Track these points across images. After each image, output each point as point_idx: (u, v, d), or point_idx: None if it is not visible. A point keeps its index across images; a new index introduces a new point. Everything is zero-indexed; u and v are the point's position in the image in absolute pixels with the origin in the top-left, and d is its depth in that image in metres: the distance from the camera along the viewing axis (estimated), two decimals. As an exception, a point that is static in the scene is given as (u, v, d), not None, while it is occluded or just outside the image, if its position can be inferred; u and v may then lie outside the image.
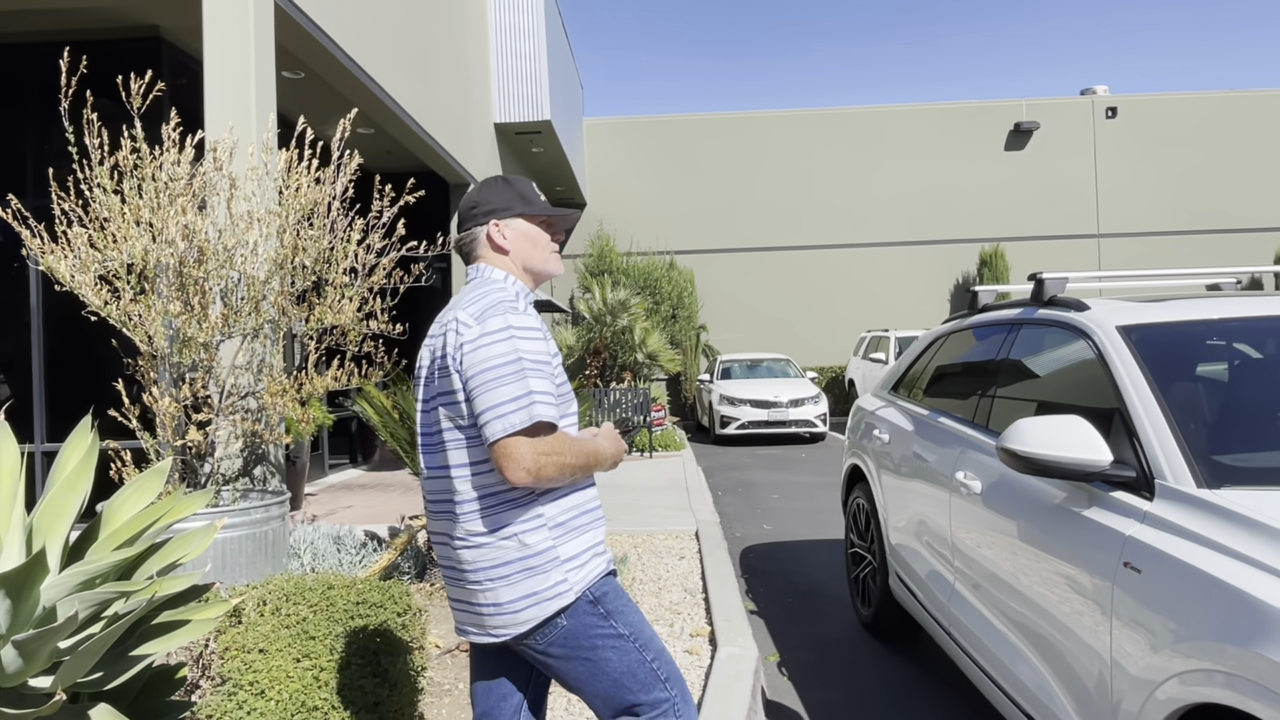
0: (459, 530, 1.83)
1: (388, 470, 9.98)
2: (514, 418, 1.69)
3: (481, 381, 1.72)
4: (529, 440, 1.70)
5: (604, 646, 1.83)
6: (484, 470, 1.80)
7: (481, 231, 1.94)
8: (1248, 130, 19.60)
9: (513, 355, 1.73)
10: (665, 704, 1.86)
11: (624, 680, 1.83)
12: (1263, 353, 2.72)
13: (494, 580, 1.79)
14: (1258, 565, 1.75)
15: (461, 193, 11.10)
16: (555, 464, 1.73)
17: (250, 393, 4.52)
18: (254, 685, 2.78)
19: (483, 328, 1.75)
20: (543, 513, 1.80)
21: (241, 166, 4.39)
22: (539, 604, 1.79)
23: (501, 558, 1.79)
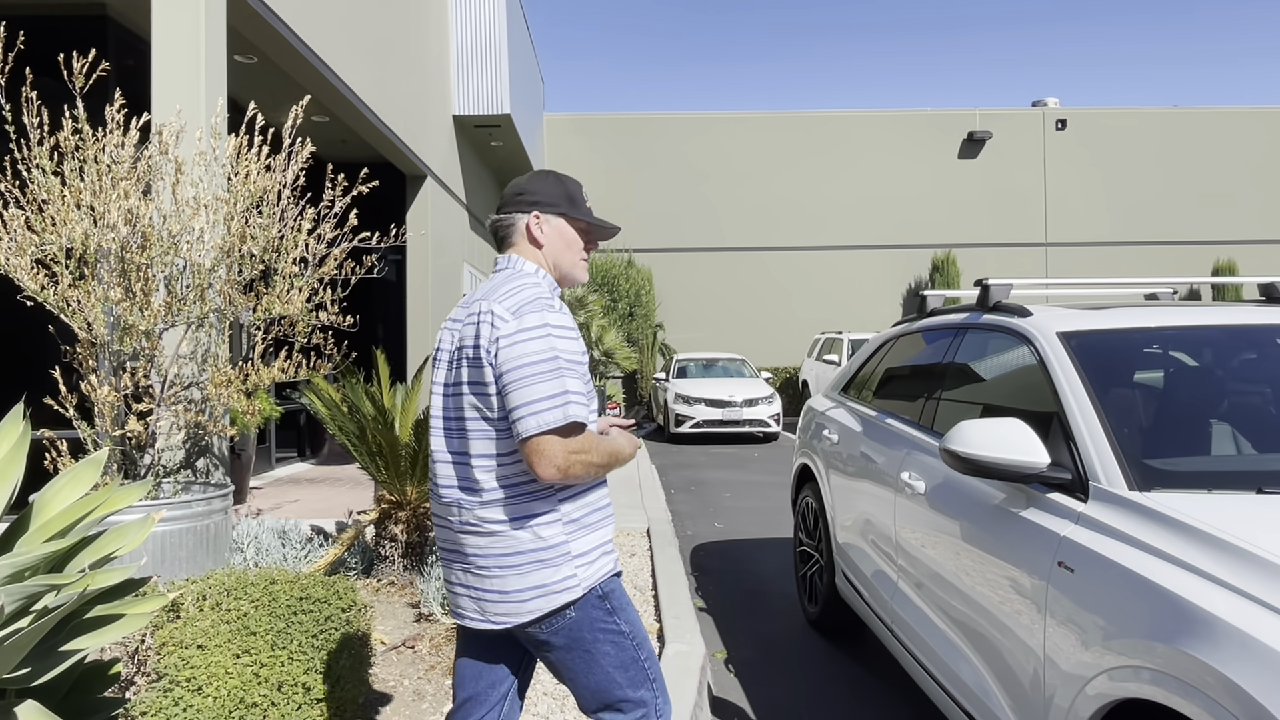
0: (471, 517, 1.84)
1: (337, 465, 9.83)
2: (548, 415, 1.72)
3: (517, 377, 1.74)
4: (561, 439, 1.74)
5: (604, 640, 1.87)
6: (509, 462, 1.82)
7: (521, 220, 1.96)
8: (1192, 147, 20.24)
9: (550, 354, 1.76)
10: (648, 704, 1.91)
11: (616, 675, 1.87)
12: (1196, 361, 2.81)
13: (504, 569, 1.82)
14: (1184, 566, 1.81)
15: (418, 185, 10.98)
16: (583, 462, 1.77)
17: (194, 383, 4.42)
18: (191, 682, 2.72)
19: (519, 323, 1.76)
20: (560, 508, 1.84)
21: (189, 151, 4.29)
22: (546, 596, 1.82)
23: (514, 548, 1.81)
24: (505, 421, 1.79)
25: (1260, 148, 20.31)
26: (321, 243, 4.36)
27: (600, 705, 1.89)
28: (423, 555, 4.70)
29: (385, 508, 4.63)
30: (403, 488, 4.58)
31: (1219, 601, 1.67)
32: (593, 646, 1.86)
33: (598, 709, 1.90)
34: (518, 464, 1.81)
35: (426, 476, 4.57)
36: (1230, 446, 2.46)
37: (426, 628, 4.05)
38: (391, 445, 4.39)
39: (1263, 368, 2.78)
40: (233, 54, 7.08)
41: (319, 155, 10.56)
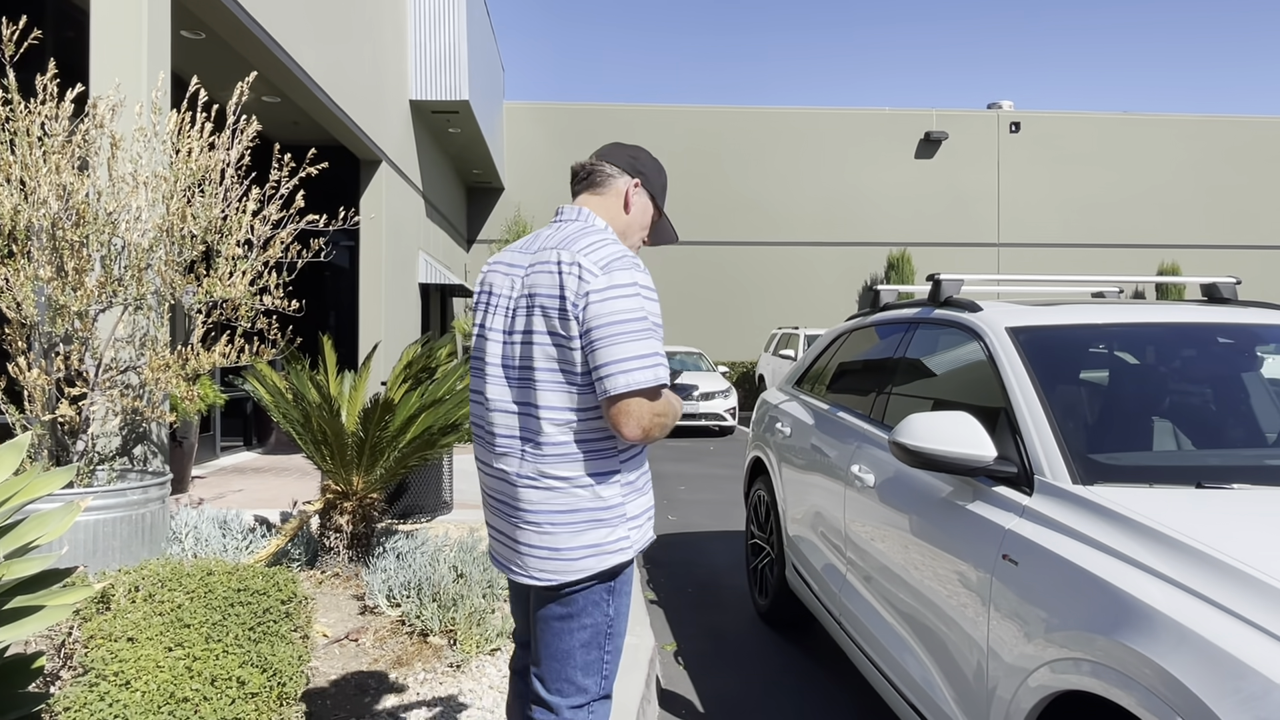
0: (532, 470, 1.81)
1: (284, 454, 9.62)
2: (639, 375, 1.70)
3: (609, 334, 1.70)
4: (649, 400, 1.72)
5: (590, 614, 1.85)
6: (586, 418, 1.78)
7: (624, 180, 1.96)
8: (1140, 151, 20.75)
9: (641, 313, 1.73)
10: (590, 694, 1.88)
11: (576, 654, 1.85)
12: (1140, 357, 2.85)
13: (557, 525, 1.79)
14: (1123, 559, 1.83)
15: (373, 169, 10.78)
16: (661, 425, 1.77)
17: (131, 367, 4.26)
18: (119, 676, 2.62)
19: (610, 279, 1.73)
20: (620, 469, 1.83)
21: (128, 126, 4.13)
22: (599, 555, 1.80)
23: (572, 504, 1.79)
24: (586, 376, 1.75)
25: (1203, 156, 20.91)
26: (267, 225, 4.23)
27: (550, 674, 1.87)
28: (368, 547, 4.61)
29: (330, 498, 4.53)
30: (348, 477, 4.48)
31: (1156, 594, 1.69)
32: (581, 616, 1.85)
33: (541, 676, 1.89)
34: (592, 420, 1.78)
35: (374, 466, 4.48)
36: (1171, 442, 2.49)
37: (371, 620, 3.96)
38: (337, 434, 4.28)
39: (1203, 366, 2.83)
40: (179, 29, 6.86)
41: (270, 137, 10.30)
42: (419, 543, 4.78)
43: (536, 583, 1.84)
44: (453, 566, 4.17)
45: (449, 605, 3.81)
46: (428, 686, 3.32)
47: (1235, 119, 21.24)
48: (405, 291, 12.24)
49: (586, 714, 1.87)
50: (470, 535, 4.91)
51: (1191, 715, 1.48)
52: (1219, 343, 2.87)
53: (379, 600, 4.04)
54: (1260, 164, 21.01)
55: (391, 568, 4.20)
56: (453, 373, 4.92)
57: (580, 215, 1.93)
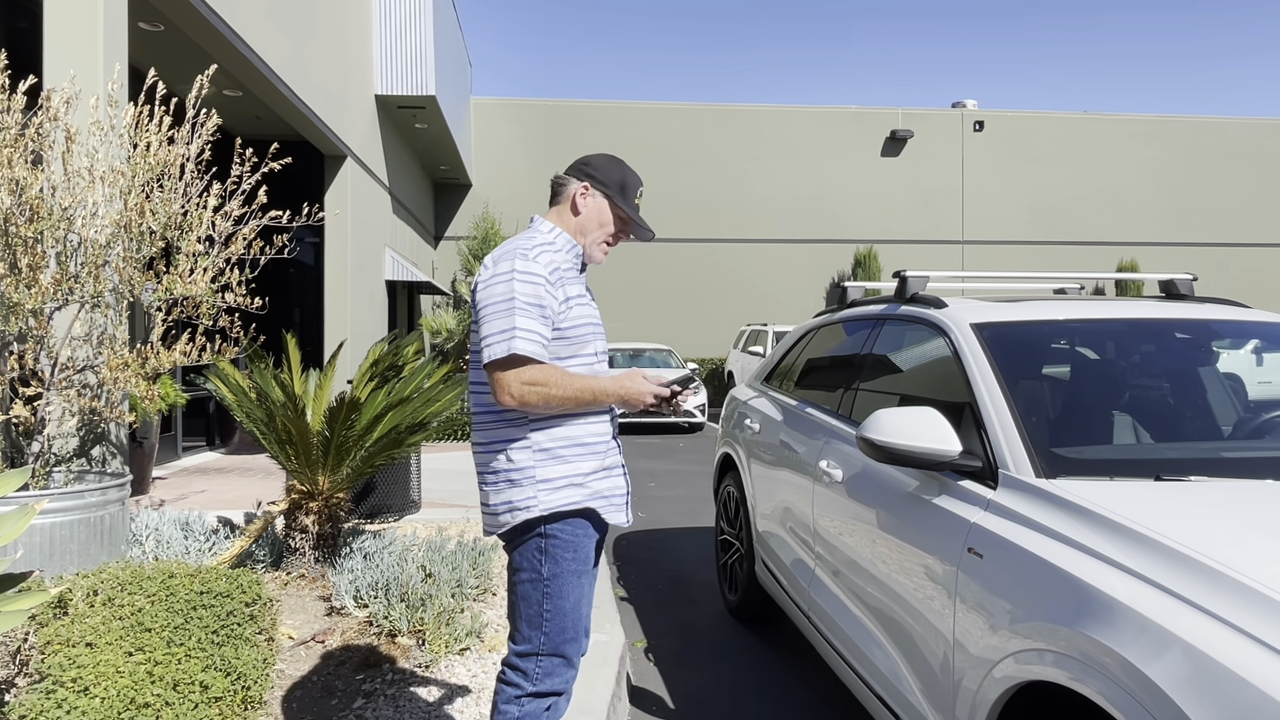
0: (476, 438, 2.13)
1: (248, 454, 9.48)
2: (496, 348, 1.96)
3: (482, 316, 2.01)
4: (513, 370, 1.95)
5: (525, 569, 2.07)
6: (486, 391, 2.06)
7: (573, 186, 2.18)
8: (1100, 150, 21.13)
9: (507, 295, 1.97)
10: (532, 647, 2.07)
11: (520, 607, 2.08)
12: (1101, 353, 2.91)
13: (487, 485, 2.10)
14: (1085, 551, 1.86)
15: (338, 164, 10.64)
16: (539, 394, 1.97)
17: (89, 366, 4.17)
18: (77, 682, 2.56)
19: (494, 270, 2.02)
20: (529, 436, 2.04)
21: (83, 119, 4.03)
22: (512, 511, 2.05)
23: (494, 466, 2.08)
24: None
25: (1161, 155, 21.35)
26: (228, 221, 4.16)
27: (511, 625, 2.12)
28: (335, 547, 4.56)
29: (296, 498, 4.46)
30: (314, 477, 4.42)
31: (1117, 585, 1.72)
32: (520, 570, 2.08)
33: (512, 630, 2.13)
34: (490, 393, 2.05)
35: (340, 465, 4.42)
36: (1131, 436, 2.54)
37: (338, 621, 3.92)
38: (302, 433, 4.23)
39: (1162, 361, 2.89)
40: (137, 20, 6.71)
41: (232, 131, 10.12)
42: (387, 542, 4.73)
43: (487, 534, 2.14)
44: (421, 566, 4.13)
45: (417, 605, 3.77)
46: (396, 687, 3.29)
47: (1191, 119, 21.71)
48: (372, 289, 12.11)
49: (534, 664, 2.06)
50: (439, 534, 4.87)
51: (1151, 704, 1.51)
52: (1177, 338, 2.93)
53: (346, 601, 3.99)
54: (1214, 163, 21.50)
55: (359, 568, 4.16)
56: (420, 370, 4.87)
57: (532, 224, 2.20)
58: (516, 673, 2.08)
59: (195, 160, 4.11)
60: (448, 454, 10.19)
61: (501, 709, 2.08)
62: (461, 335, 15.33)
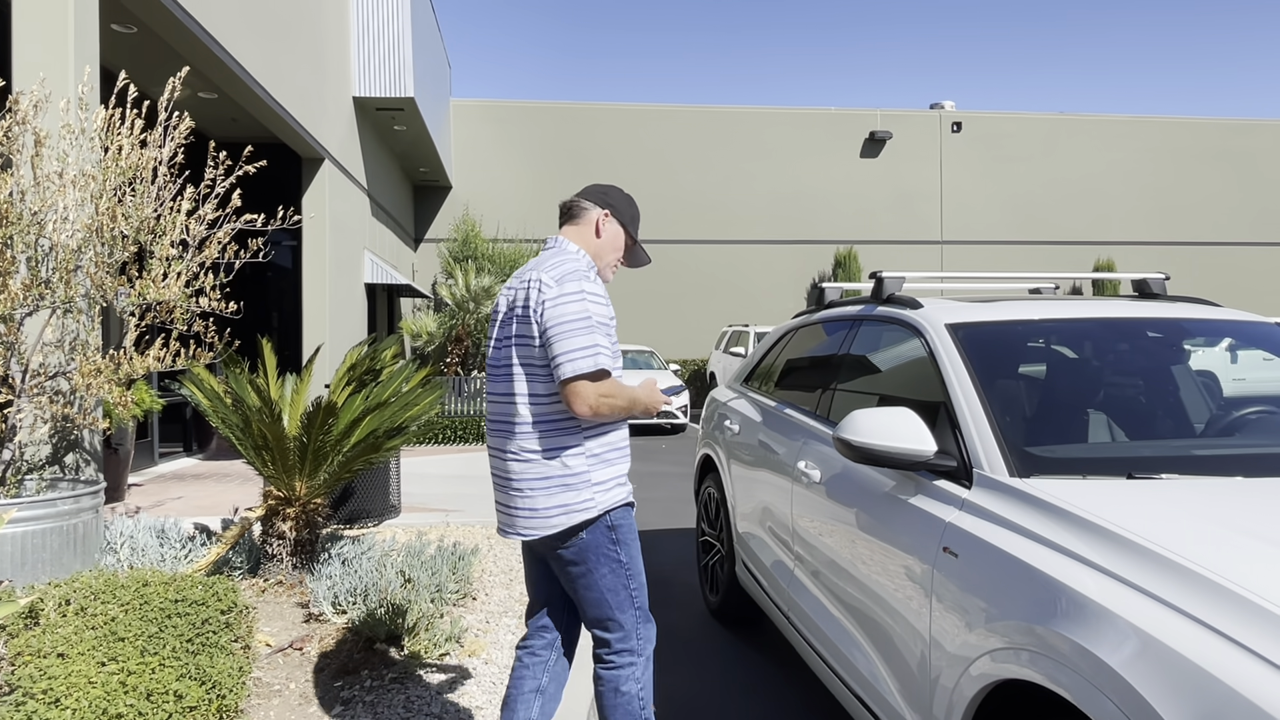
0: (514, 446, 2.24)
1: (226, 459, 9.39)
2: (582, 363, 2.12)
3: (558, 332, 2.14)
4: (592, 383, 2.14)
5: (604, 564, 2.25)
6: (546, 402, 2.22)
7: (596, 211, 2.41)
8: (1077, 151, 21.34)
9: (584, 314, 2.17)
10: (628, 627, 2.29)
11: (608, 596, 2.26)
12: (1075, 351, 2.93)
13: (535, 489, 2.22)
14: (1058, 549, 1.87)
15: (315, 167, 10.56)
16: (609, 404, 2.17)
17: (61, 372, 4.12)
18: (48, 694, 2.53)
19: (561, 289, 2.18)
20: (584, 443, 2.23)
21: (53, 123, 3.98)
22: (568, 514, 2.21)
23: (546, 473, 2.21)
24: (546, 368, 2.19)
25: (1136, 155, 21.59)
26: (202, 224, 4.12)
27: (593, 620, 2.30)
28: (313, 553, 4.52)
29: (273, 504, 4.42)
30: (291, 483, 4.38)
31: (1090, 583, 1.73)
32: (595, 567, 2.24)
33: (589, 622, 2.31)
34: (554, 404, 2.21)
35: (317, 471, 4.39)
36: (1105, 434, 2.56)
37: (316, 628, 3.88)
38: (279, 439, 4.19)
39: (1135, 359, 2.92)
40: (109, 22, 6.64)
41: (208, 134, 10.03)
42: (365, 548, 4.70)
43: (522, 537, 2.27)
44: (400, 571, 4.11)
45: (396, 611, 3.75)
46: (375, 694, 3.27)
47: (1165, 119, 21.97)
48: (351, 292, 12.03)
49: (635, 638, 2.29)
50: (418, 539, 4.84)
51: (1123, 701, 1.52)
52: (1149, 336, 2.96)
53: (324, 607, 3.96)
54: (1189, 163, 21.78)
55: (337, 574, 4.12)
56: (398, 374, 4.84)
57: (557, 243, 2.38)
58: (624, 654, 2.28)
59: (168, 163, 4.07)
60: (428, 458, 10.14)
61: (624, 691, 2.27)
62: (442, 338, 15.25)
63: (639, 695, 2.28)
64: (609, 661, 2.28)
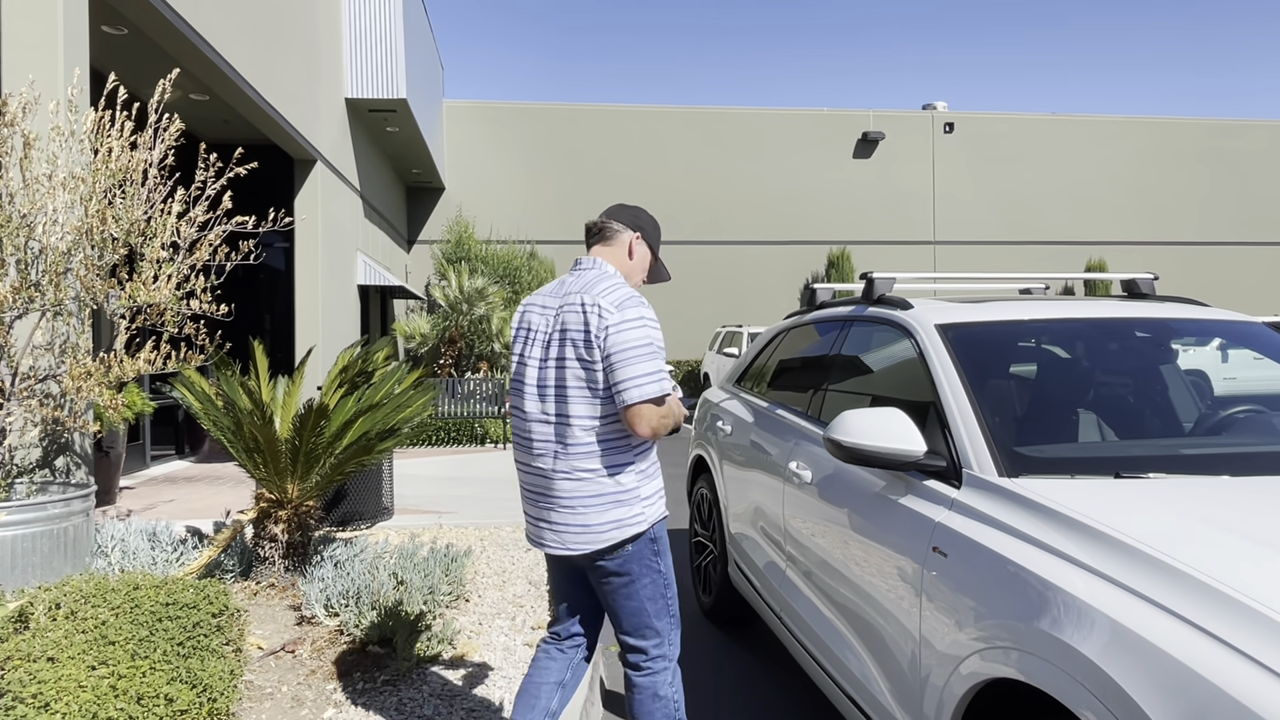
0: (565, 466, 2.28)
1: (218, 462, 9.36)
2: (649, 388, 2.20)
3: (624, 358, 2.21)
4: (655, 406, 2.23)
5: (646, 574, 2.34)
6: (606, 423, 2.27)
7: (628, 234, 2.49)
8: (1068, 151, 21.42)
9: (647, 340, 2.25)
10: (664, 634, 2.38)
11: (647, 604, 2.34)
12: (1064, 351, 2.94)
13: (587, 506, 2.28)
14: (1046, 548, 1.88)
15: (307, 169, 10.54)
16: (665, 425, 2.28)
17: (51, 375, 4.10)
18: (38, 698, 2.52)
19: (623, 315, 2.24)
20: (634, 460, 2.32)
21: (42, 125, 3.97)
22: (620, 528, 2.29)
23: (598, 490, 2.28)
24: (606, 391, 2.25)
25: (1127, 155, 21.68)
26: (193, 227, 4.11)
27: (631, 628, 2.36)
28: (305, 555, 4.51)
29: (265, 507, 4.41)
30: (283, 485, 4.37)
31: (1077, 582, 1.74)
32: (638, 577, 2.32)
33: (626, 631, 2.37)
34: (611, 424, 2.28)
35: (309, 473, 4.38)
36: (1095, 433, 2.58)
37: (308, 631, 3.88)
38: (270, 441, 4.18)
39: (1124, 359, 2.93)
40: (99, 24, 6.62)
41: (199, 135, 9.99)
42: (358, 550, 4.69)
43: (572, 553, 2.31)
44: (393, 574, 4.10)
45: (389, 613, 3.75)
46: (367, 696, 3.26)
47: (1156, 120, 22.07)
48: (343, 294, 12.01)
49: (669, 644, 2.39)
50: (411, 541, 4.84)
51: (1110, 701, 1.53)
52: (1138, 336, 2.98)
53: (316, 610, 3.96)
54: (1179, 164, 21.87)
55: (329, 576, 4.12)
56: (391, 376, 4.84)
57: (596, 264, 2.42)
58: (660, 660, 2.37)
59: (158, 165, 4.06)
60: (421, 459, 10.12)
61: (662, 696, 2.35)
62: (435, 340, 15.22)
63: (674, 699, 2.37)
64: (646, 668, 2.36)
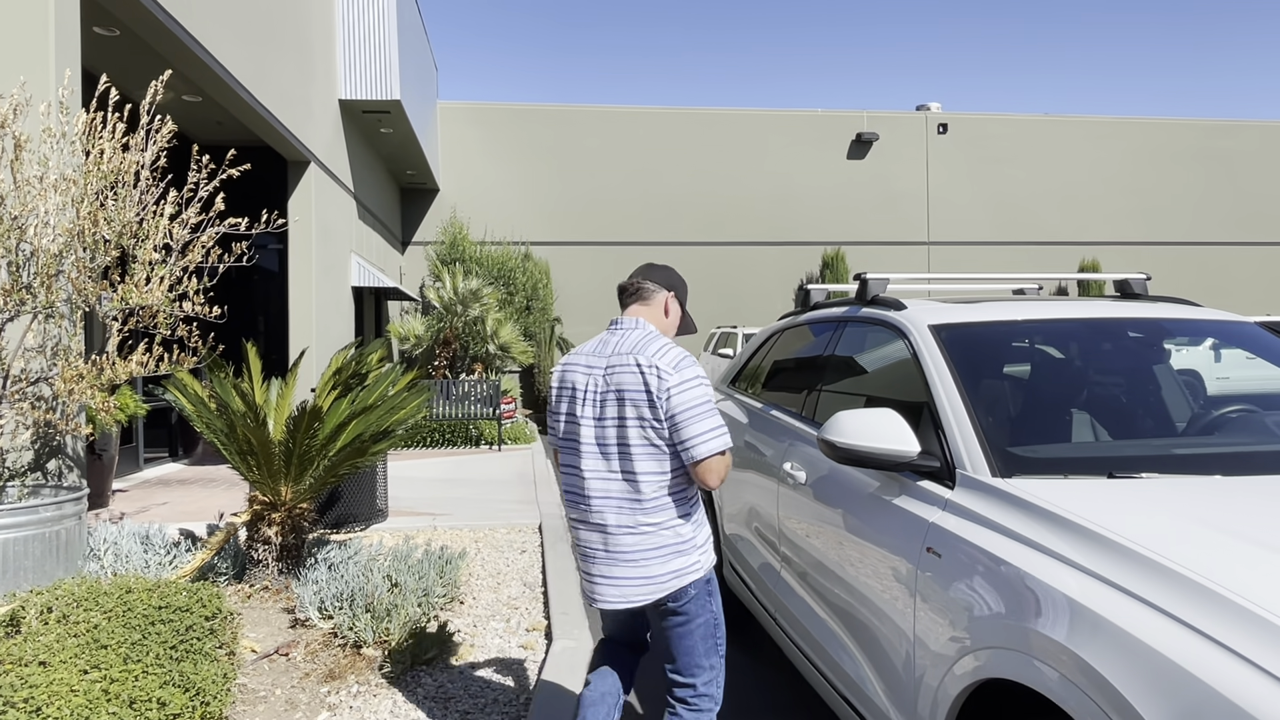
0: (628, 521, 2.36)
1: (212, 464, 9.33)
2: (716, 442, 2.30)
3: (690, 416, 2.30)
4: (723, 459, 2.33)
5: (701, 615, 2.43)
6: (669, 476, 2.35)
7: (664, 294, 2.59)
8: (1061, 152, 21.48)
9: (707, 398, 2.35)
10: (716, 669, 2.48)
11: (700, 644, 2.43)
12: (1057, 352, 2.95)
13: (649, 559, 2.36)
14: (1039, 548, 1.88)
15: (301, 170, 10.52)
16: (728, 473, 2.37)
17: (43, 378, 4.08)
18: (29, 703, 2.50)
19: (682, 376, 2.34)
20: (691, 511, 2.43)
21: (34, 127, 3.95)
22: (680, 576, 2.38)
23: (661, 542, 2.36)
24: (671, 447, 2.34)
25: (1120, 156, 21.75)
26: (185, 228, 4.09)
27: (683, 666, 2.44)
28: (299, 558, 4.49)
29: (258, 509, 4.40)
30: (276, 488, 4.36)
31: (1071, 583, 1.74)
32: (695, 619, 2.41)
33: (678, 669, 2.45)
34: (675, 478, 2.36)
35: (302, 475, 4.37)
36: (1089, 434, 2.58)
37: (302, 634, 3.86)
38: (263, 443, 4.16)
39: (1117, 359, 2.94)
40: (91, 25, 6.60)
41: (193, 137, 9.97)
42: (352, 552, 4.68)
43: (633, 604, 2.38)
44: (387, 576, 4.09)
45: (383, 616, 3.74)
46: (361, 699, 3.26)
47: (1148, 120, 22.15)
48: (337, 295, 11.98)
49: (715, 687, 2.48)
50: (405, 543, 4.83)
51: (1104, 700, 1.53)
52: (1131, 336, 2.98)
53: (310, 613, 3.94)
54: (1171, 164, 21.95)
55: (323, 579, 4.11)
56: (385, 378, 4.83)
57: (639, 324, 2.50)
58: (706, 699, 2.45)
59: (150, 167, 4.04)
60: (415, 461, 10.11)
61: None
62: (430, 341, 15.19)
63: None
64: (693, 704, 2.45)
